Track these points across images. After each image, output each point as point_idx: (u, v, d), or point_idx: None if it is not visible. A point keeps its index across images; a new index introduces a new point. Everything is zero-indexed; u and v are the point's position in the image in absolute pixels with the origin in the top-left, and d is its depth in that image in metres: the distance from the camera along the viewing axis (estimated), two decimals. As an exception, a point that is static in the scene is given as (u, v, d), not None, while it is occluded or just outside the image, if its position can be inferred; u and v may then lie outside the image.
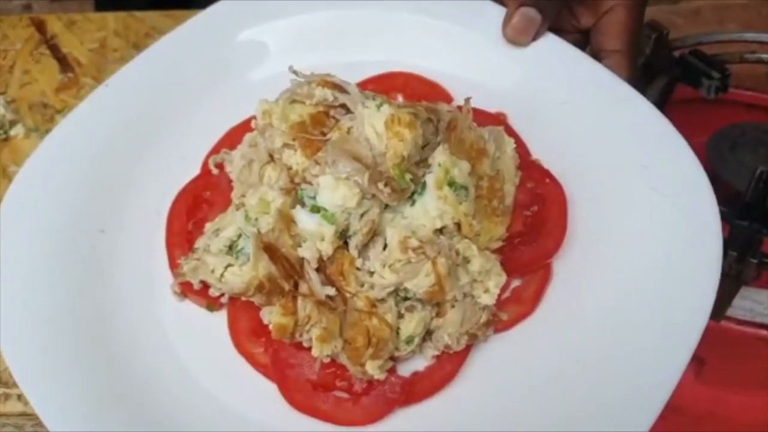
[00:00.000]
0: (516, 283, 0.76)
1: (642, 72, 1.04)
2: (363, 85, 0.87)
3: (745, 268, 0.94)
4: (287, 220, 0.67)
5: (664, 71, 1.11)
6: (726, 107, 1.23)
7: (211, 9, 0.91)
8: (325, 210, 0.66)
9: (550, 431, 0.66)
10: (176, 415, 0.69)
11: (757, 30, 1.20)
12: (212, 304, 0.75)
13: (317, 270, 0.68)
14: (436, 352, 0.71)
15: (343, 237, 0.68)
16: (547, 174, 0.80)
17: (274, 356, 0.71)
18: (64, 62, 1.10)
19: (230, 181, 0.80)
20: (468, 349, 0.72)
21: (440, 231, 0.69)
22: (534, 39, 0.86)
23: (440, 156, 0.69)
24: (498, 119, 0.85)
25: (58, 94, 1.07)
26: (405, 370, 0.72)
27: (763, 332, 1.04)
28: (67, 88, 1.08)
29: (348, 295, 0.68)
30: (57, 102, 1.06)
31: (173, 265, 0.78)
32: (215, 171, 0.82)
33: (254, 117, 0.80)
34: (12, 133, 1.03)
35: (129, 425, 0.67)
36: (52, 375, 0.68)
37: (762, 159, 1.12)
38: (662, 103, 1.14)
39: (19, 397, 0.79)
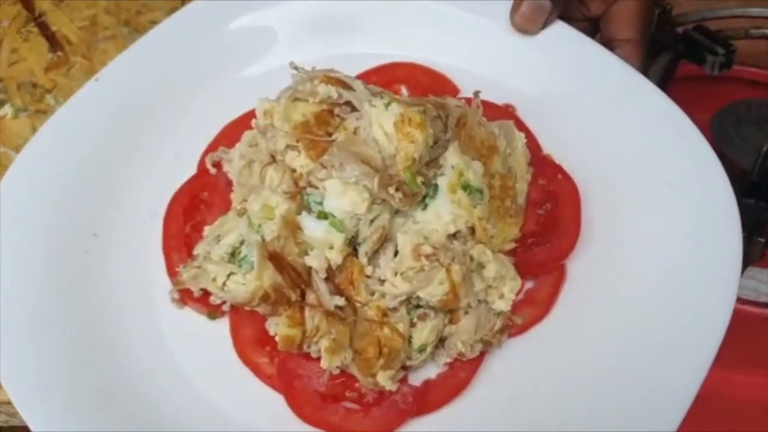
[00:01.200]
0: (529, 284, 0.74)
1: (646, 49, 1.02)
2: (365, 76, 0.84)
3: (752, 248, 0.93)
4: (293, 227, 0.64)
5: (667, 48, 1.08)
6: (730, 84, 1.21)
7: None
8: (333, 216, 0.63)
9: (568, 438, 0.64)
10: (177, 427, 0.67)
11: (761, 5, 1.17)
12: (213, 312, 0.72)
13: (326, 279, 0.65)
14: (449, 360, 0.69)
15: (352, 244, 0.65)
16: (559, 170, 0.77)
17: (281, 367, 0.68)
18: (53, 40, 1.07)
19: (228, 180, 0.77)
20: (482, 355, 0.69)
21: (453, 236, 0.66)
22: (543, 27, 0.82)
23: (453, 157, 0.65)
24: (507, 112, 0.81)
25: (48, 74, 1.04)
26: (416, 378, 0.70)
27: (767, 312, 1.03)
28: (56, 67, 1.04)
29: (358, 304, 0.65)
30: (46, 81, 1.03)
31: (171, 271, 0.74)
32: (212, 170, 0.79)
33: (252, 112, 0.77)
34: (0, 113, 1.00)
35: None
36: (45, 384, 0.65)
37: (767, 136, 1.10)
38: (666, 81, 1.12)
39: None
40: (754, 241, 0.91)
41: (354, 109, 0.68)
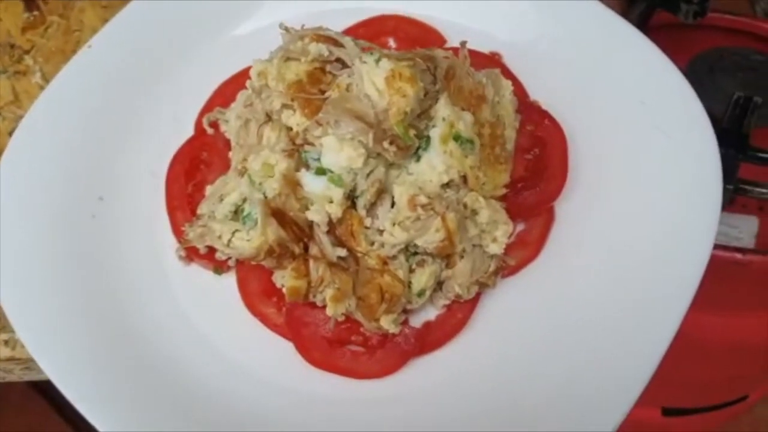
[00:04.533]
0: (520, 227, 0.77)
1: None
2: (353, 29, 0.86)
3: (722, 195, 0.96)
4: (293, 184, 0.67)
5: None
6: (705, 32, 1.22)
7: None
8: (331, 172, 0.66)
9: (560, 372, 0.68)
10: (191, 378, 0.70)
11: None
12: (219, 268, 0.75)
13: (327, 232, 0.68)
14: (447, 302, 0.73)
15: (350, 198, 0.68)
16: (546, 115, 0.79)
17: (289, 316, 0.72)
18: (28, 0, 1.05)
19: (226, 140, 0.79)
20: (477, 296, 0.73)
21: (447, 185, 0.68)
22: None
23: (443, 110, 0.68)
24: (493, 60, 0.83)
25: (25, 34, 1.03)
26: (417, 320, 0.73)
27: (738, 255, 1.08)
28: (33, 27, 1.03)
29: (359, 254, 0.68)
30: (24, 42, 1.02)
31: (176, 230, 0.77)
32: (210, 131, 0.81)
33: (244, 71, 0.79)
34: (-20, 75, 0.99)
35: (143, 386, 0.67)
36: (62, 339, 0.68)
37: (740, 84, 1.13)
38: (641, 28, 1.13)
39: (6, 342, 0.79)
40: (724, 189, 0.95)
41: (345, 65, 0.70)
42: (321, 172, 0.67)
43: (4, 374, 0.82)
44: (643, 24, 1.13)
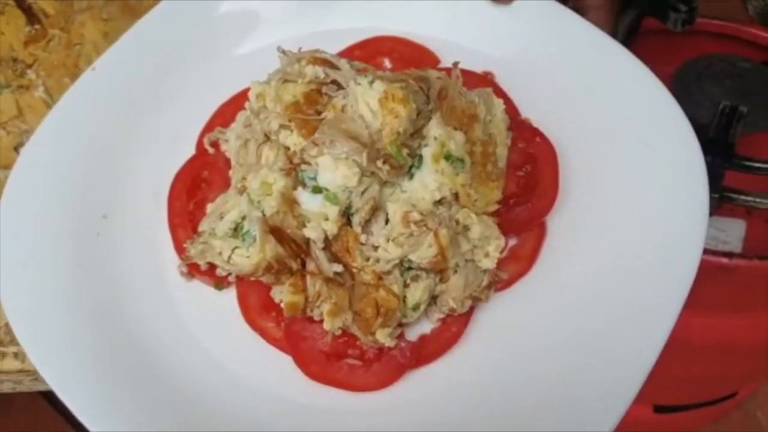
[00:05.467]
0: (513, 241, 0.79)
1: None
2: (350, 51, 0.88)
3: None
4: (290, 202, 0.69)
5: (632, 4, 1.12)
6: (695, 37, 1.24)
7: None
8: (327, 190, 0.68)
9: (554, 383, 0.70)
10: (192, 391, 0.72)
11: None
12: (220, 283, 0.77)
13: (323, 248, 0.70)
14: (442, 315, 0.74)
15: (345, 215, 0.70)
16: (537, 133, 0.81)
17: (287, 330, 0.74)
18: (29, 13, 1.07)
19: (226, 159, 0.81)
20: (471, 310, 0.75)
21: (439, 202, 0.70)
22: None
23: (435, 129, 0.70)
24: (486, 80, 0.86)
25: (27, 48, 1.04)
26: (413, 333, 0.75)
27: (724, 260, 1.09)
28: (35, 40, 1.04)
29: (355, 270, 0.70)
30: (26, 56, 1.03)
31: (178, 246, 0.79)
32: (211, 150, 0.83)
33: (243, 92, 0.81)
34: (-17, 90, 1.01)
35: (144, 398, 0.69)
36: (67, 353, 0.70)
37: (726, 92, 1.15)
38: (631, 35, 1.16)
39: (16, 354, 0.81)
40: (710, 198, 0.97)
41: (340, 87, 0.73)
42: (317, 190, 0.69)
43: (14, 385, 0.84)
44: (633, 31, 1.16)
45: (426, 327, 0.75)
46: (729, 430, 1.80)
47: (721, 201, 0.98)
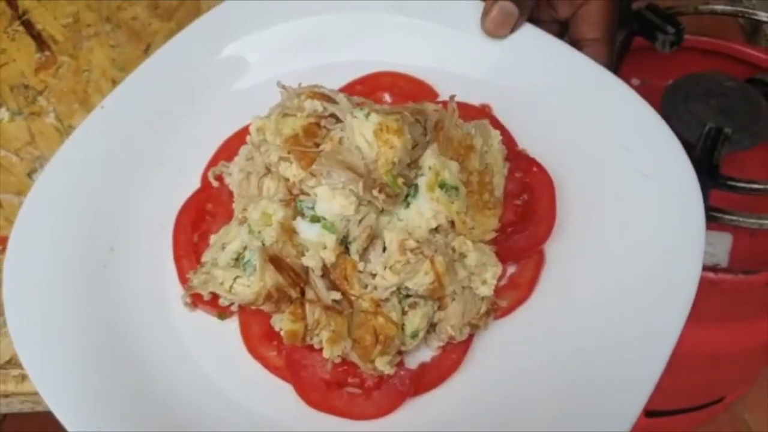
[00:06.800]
0: (512, 269, 0.80)
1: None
2: (351, 86, 0.91)
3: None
4: (289, 232, 0.70)
5: (623, 24, 1.15)
6: (683, 53, 1.27)
7: (193, 26, 0.92)
8: (325, 219, 0.70)
9: (554, 409, 0.70)
10: (196, 419, 0.73)
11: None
12: (223, 313, 0.79)
13: (322, 276, 0.71)
14: (441, 343, 0.75)
15: (343, 243, 0.71)
16: (534, 163, 0.83)
17: (288, 358, 0.74)
18: (39, 39, 1.09)
19: (230, 192, 0.83)
20: (471, 337, 0.75)
21: (435, 230, 0.72)
22: (512, 31, 0.88)
23: (430, 159, 0.72)
24: (483, 112, 0.87)
25: (38, 74, 1.05)
26: (412, 361, 0.76)
27: (711, 275, 1.12)
28: (45, 67, 1.06)
29: (353, 297, 0.71)
30: (37, 83, 1.04)
31: (182, 278, 0.81)
32: (215, 183, 0.85)
33: (245, 127, 0.83)
34: (-3, 117, 1.02)
35: (148, 426, 0.70)
36: (71, 383, 0.71)
37: (713, 111, 1.17)
38: (622, 54, 1.19)
39: None
40: None
41: (338, 120, 0.75)
42: (315, 219, 0.70)
43: (32, 405, 0.86)
44: (624, 49, 1.19)
45: (426, 355, 0.76)
46: (718, 431, 1.86)
47: (707, 220, 1.00)
